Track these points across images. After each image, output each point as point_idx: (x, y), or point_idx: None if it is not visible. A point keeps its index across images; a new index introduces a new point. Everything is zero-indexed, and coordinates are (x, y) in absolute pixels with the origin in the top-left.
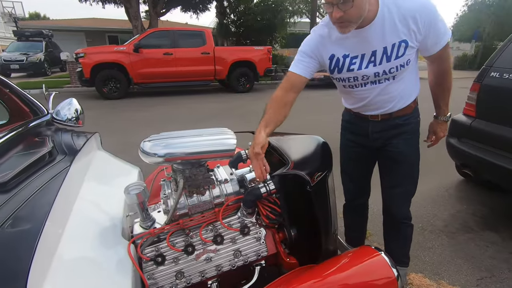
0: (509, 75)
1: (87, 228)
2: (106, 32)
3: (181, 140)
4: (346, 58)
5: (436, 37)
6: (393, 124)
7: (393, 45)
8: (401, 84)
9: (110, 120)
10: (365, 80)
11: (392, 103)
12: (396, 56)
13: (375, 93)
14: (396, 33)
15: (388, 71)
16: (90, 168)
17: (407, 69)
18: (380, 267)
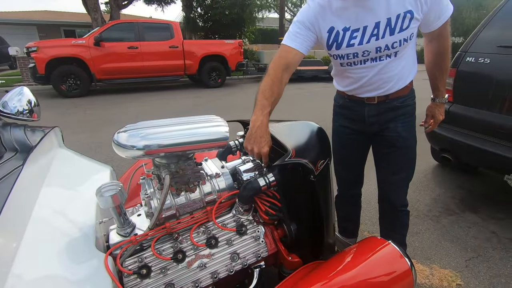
0: (484, 59)
1: (51, 240)
2: (61, 26)
3: (163, 129)
4: (347, 32)
5: (440, 10)
6: (390, 106)
7: (398, 16)
8: (402, 62)
9: (71, 119)
10: (366, 56)
11: (391, 83)
12: (401, 28)
13: (374, 72)
14: (402, 2)
15: (391, 45)
16: (51, 169)
17: (409, 45)
18: (393, 258)
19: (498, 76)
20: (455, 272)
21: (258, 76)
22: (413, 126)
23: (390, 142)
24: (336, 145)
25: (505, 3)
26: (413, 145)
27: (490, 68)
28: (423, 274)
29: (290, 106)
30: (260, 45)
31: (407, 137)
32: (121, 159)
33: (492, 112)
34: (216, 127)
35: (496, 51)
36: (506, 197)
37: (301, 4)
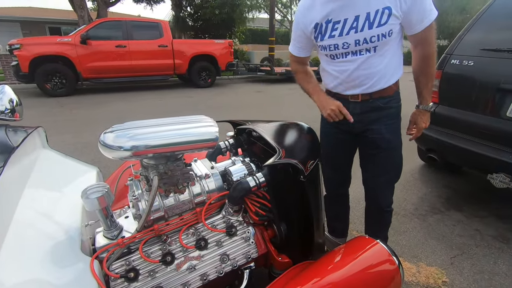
0: (468, 62)
1: (34, 243)
2: (46, 23)
3: (151, 129)
4: (329, 24)
5: (422, 13)
6: (373, 106)
7: (377, 11)
8: (383, 60)
9: (56, 119)
10: (346, 49)
11: (372, 80)
12: (379, 23)
13: (355, 66)
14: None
15: (369, 39)
16: (34, 170)
17: (389, 43)
18: (381, 257)
19: (481, 78)
20: (440, 269)
21: (248, 76)
22: (397, 128)
23: (375, 144)
24: (324, 145)
25: (487, 8)
26: (398, 147)
27: (473, 71)
28: (410, 271)
29: (281, 106)
30: (250, 45)
31: (391, 139)
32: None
33: (476, 113)
34: (206, 128)
35: (480, 54)
36: (489, 196)
37: (291, 5)
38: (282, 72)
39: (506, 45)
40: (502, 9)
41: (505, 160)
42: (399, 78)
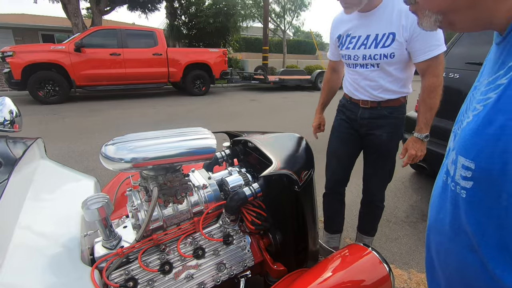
0: (454, 74)
1: (35, 254)
2: (39, 30)
3: (151, 142)
4: (348, 37)
5: (424, 43)
6: (380, 113)
7: (384, 35)
8: (388, 77)
9: (49, 127)
10: (356, 61)
11: (377, 90)
12: (383, 45)
13: (362, 77)
14: (389, 25)
15: (373, 57)
16: (34, 181)
17: (394, 65)
18: (373, 264)
19: (467, 90)
20: None
21: (242, 85)
22: (395, 137)
23: (375, 147)
24: (333, 139)
25: None
26: (393, 154)
27: (459, 83)
28: (402, 278)
29: (275, 114)
30: (244, 54)
31: (389, 146)
32: (103, 169)
33: None
34: (204, 140)
35: (465, 67)
36: None
37: (284, 15)
38: (275, 80)
39: None
40: None
41: None
42: (406, 94)
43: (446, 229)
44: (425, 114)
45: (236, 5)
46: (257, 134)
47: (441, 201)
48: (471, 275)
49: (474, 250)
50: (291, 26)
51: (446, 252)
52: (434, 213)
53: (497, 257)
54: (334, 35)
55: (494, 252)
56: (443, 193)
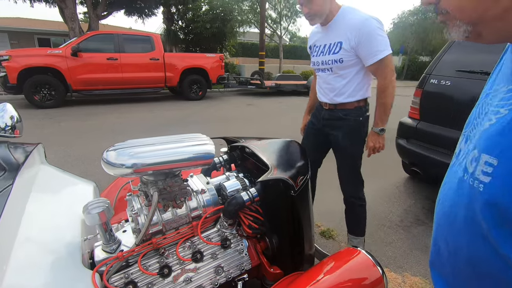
0: (445, 81)
1: (37, 258)
2: (35, 34)
3: (151, 148)
4: (314, 47)
5: (369, 50)
6: (336, 115)
7: (335, 43)
8: (342, 81)
9: (45, 132)
10: (318, 66)
11: (332, 94)
12: (333, 52)
13: (322, 80)
14: (339, 35)
15: (326, 62)
16: (35, 186)
17: (345, 69)
18: (366, 267)
19: (458, 97)
20: (424, 279)
21: (238, 89)
22: (353, 138)
23: (335, 147)
24: (304, 136)
25: None
26: (354, 156)
27: (451, 90)
28: (396, 282)
29: (271, 119)
30: (241, 58)
31: (346, 147)
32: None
33: (454, 129)
34: (203, 146)
35: (456, 74)
36: None
37: (281, 21)
38: (271, 85)
39: (478, 67)
40: None
41: None
42: (361, 98)
43: (460, 221)
44: (379, 111)
45: (233, 10)
46: (254, 140)
47: (456, 197)
48: (482, 262)
49: (485, 238)
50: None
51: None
52: (447, 209)
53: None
54: (308, 47)
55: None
56: (459, 190)
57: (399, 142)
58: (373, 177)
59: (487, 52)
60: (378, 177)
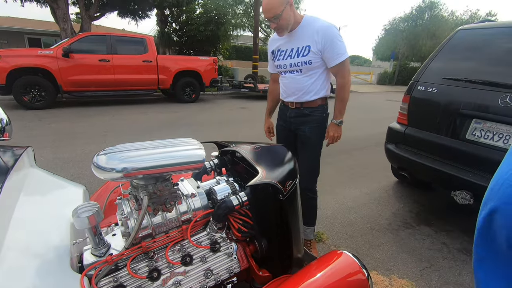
0: (432, 89)
1: (25, 262)
2: (25, 34)
3: (141, 152)
4: (279, 51)
5: (332, 53)
6: (302, 112)
7: (303, 47)
8: (308, 80)
9: (34, 133)
10: (285, 68)
11: (300, 93)
12: (302, 54)
13: (289, 81)
14: (306, 39)
15: (296, 64)
16: (24, 189)
17: (313, 70)
18: (352, 270)
19: (444, 104)
20: (411, 281)
21: (232, 92)
22: (318, 132)
23: (301, 140)
24: (277, 139)
25: (448, 41)
26: (316, 146)
27: (437, 97)
28: (383, 284)
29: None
30: (235, 62)
31: (311, 138)
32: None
33: (440, 135)
34: (193, 150)
35: (442, 82)
36: (454, 211)
37: None
38: (265, 89)
39: (464, 75)
40: (461, 43)
41: (466, 178)
42: (324, 96)
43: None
44: (338, 105)
45: (226, 14)
46: (245, 145)
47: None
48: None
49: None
50: None
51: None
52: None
53: None
54: (269, 51)
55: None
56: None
57: (388, 147)
58: (364, 181)
59: (472, 60)
60: (369, 181)
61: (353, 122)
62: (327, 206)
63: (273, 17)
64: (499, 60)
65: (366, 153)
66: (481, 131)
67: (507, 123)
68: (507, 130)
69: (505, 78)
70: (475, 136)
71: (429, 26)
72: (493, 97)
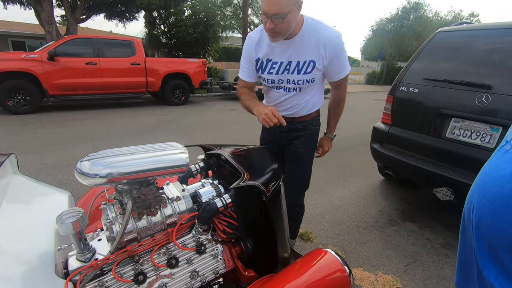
0: (413, 89)
1: (9, 269)
2: (9, 37)
3: (126, 157)
4: (269, 62)
5: (338, 67)
6: (295, 127)
7: (305, 62)
8: (305, 97)
9: (19, 139)
10: (280, 84)
11: (296, 109)
12: (305, 71)
13: (284, 98)
14: (310, 53)
15: (296, 82)
16: (7, 197)
17: (312, 86)
18: (334, 267)
19: (425, 104)
20: (395, 277)
21: (222, 94)
22: (310, 146)
23: (291, 155)
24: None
25: (428, 43)
26: (308, 160)
27: (418, 97)
28: (369, 280)
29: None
30: (224, 63)
31: (303, 154)
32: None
33: (422, 134)
34: (177, 155)
35: (422, 82)
36: (437, 208)
37: None
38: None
39: (443, 75)
40: (440, 44)
41: (446, 175)
42: (317, 109)
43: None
44: (334, 119)
45: (215, 16)
46: (229, 148)
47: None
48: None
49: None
50: None
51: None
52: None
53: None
54: (250, 56)
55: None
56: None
57: (373, 146)
58: (351, 180)
59: (450, 61)
60: (356, 180)
61: (341, 122)
62: (315, 205)
63: (275, 15)
64: (476, 61)
65: (354, 153)
66: (460, 130)
67: (483, 122)
68: (483, 129)
69: (481, 79)
70: (454, 135)
71: (415, 27)
72: (470, 97)
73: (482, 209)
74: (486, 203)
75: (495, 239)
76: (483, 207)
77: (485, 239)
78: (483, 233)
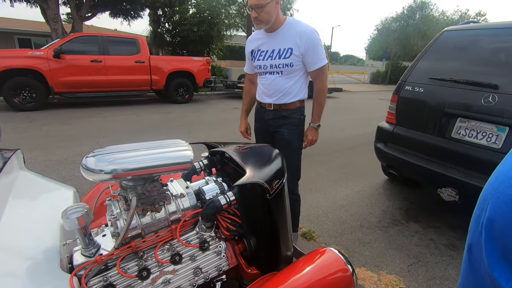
0: (419, 88)
1: (15, 264)
2: (15, 34)
3: (130, 154)
4: (258, 51)
5: (314, 58)
6: (281, 114)
7: (285, 49)
8: (288, 82)
9: (25, 135)
10: (265, 69)
11: (279, 94)
12: (284, 56)
13: (269, 82)
14: (288, 42)
15: (277, 65)
16: (13, 192)
17: (293, 72)
18: (337, 266)
19: (430, 103)
20: (399, 277)
21: (225, 93)
22: (297, 134)
23: (279, 142)
24: (256, 141)
25: (433, 42)
26: (296, 148)
27: (423, 97)
28: (372, 280)
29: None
30: (228, 61)
31: (290, 141)
32: (81, 179)
33: (426, 133)
34: (181, 151)
35: (428, 82)
36: (441, 208)
37: None
38: None
39: (449, 75)
40: (446, 44)
41: (451, 176)
42: (302, 99)
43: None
44: (317, 109)
45: (220, 14)
46: (233, 145)
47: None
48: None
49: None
50: None
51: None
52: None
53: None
54: (248, 51)
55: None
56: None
57: (377, 145)
58: (355, 180)
59: (457, 61)
60: (360, 180)
61: (346, 122)
62: (318, 204)
63: (257, 5)
64: (483, 60)
65: (358, 152)
66: (465, 130)
67: (489, 122)
68: (489, 129)
69: (488, 78)
70: (460, 135)
71: (420, 26)
72: (477, 97)
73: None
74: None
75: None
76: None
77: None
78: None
